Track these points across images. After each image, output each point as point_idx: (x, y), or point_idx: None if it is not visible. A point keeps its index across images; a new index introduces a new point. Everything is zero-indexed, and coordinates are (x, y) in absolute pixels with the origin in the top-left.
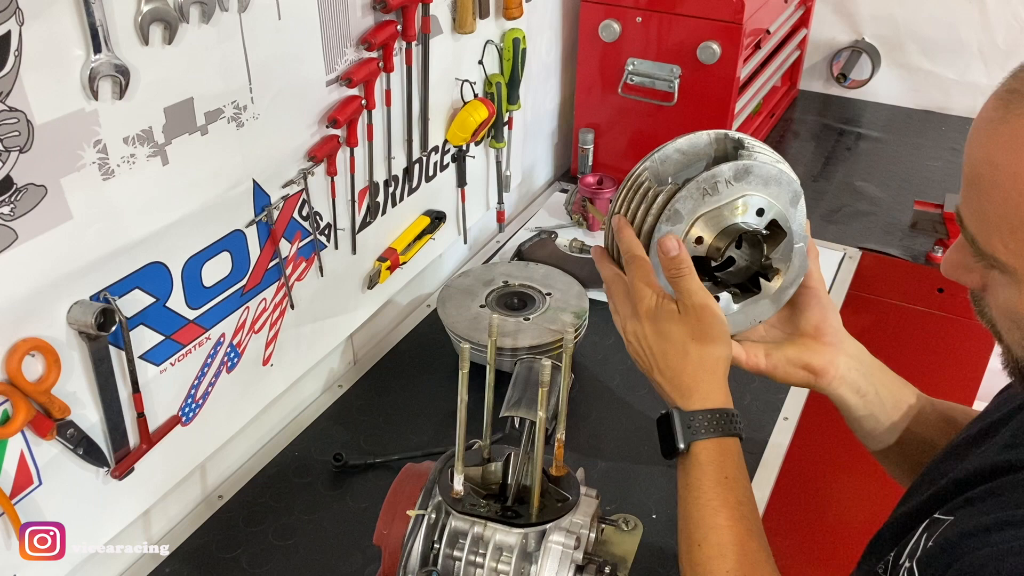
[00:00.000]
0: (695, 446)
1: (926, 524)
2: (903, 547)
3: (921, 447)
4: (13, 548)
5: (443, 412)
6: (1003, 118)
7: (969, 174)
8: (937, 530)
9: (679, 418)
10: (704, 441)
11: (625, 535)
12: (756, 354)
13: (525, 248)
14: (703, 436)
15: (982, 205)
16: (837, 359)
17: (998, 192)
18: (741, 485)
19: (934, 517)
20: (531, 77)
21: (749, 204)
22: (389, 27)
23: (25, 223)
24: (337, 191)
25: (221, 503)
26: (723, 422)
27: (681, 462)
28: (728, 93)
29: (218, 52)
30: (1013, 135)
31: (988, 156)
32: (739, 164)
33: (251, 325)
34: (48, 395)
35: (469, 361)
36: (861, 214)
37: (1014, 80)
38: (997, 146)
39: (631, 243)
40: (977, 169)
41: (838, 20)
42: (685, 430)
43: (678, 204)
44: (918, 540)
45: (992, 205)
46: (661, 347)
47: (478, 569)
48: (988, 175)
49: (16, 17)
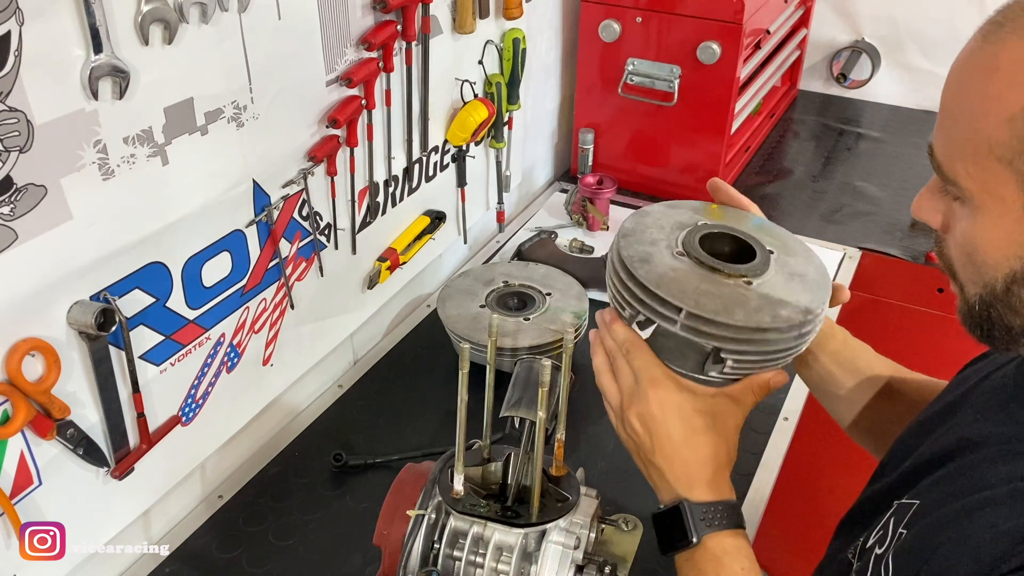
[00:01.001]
0: (709, 539)
1: (894, 509)
2: (871, 531)
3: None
4: (13, 548)
5: (443, 412)
6: (980, 46)
7: (943, 101)
8: (905, 516)
9: (691, 509)
10: (719, 533)
11: (625, 535)
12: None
13: (525, 248)
14: (717, 528)
15: (950, 130)
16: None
17: (965, 115)
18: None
19: (901, 502)
20: (531, 77)
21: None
22: (389, 27)
23: (25, 223)
24: (337, 191)
25: (221, 503)
26: (733, 514)
27: (689, 557)
28: (728, 93)
29: (218, 52)
30: (986, 59)
31: (960, 81)
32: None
33: (251, 325)
34: (48, 395)
35: (469, 361)
36: (861, 214)
37: (998, 14)
38: (969, 71)
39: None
40: (949, 93)
41: (838, 20)
42: (698, 522)
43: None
44: (886, 525)
45: (959, 128)
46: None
47: (478, 569)
48: (959, 99)
49: (16, 17)
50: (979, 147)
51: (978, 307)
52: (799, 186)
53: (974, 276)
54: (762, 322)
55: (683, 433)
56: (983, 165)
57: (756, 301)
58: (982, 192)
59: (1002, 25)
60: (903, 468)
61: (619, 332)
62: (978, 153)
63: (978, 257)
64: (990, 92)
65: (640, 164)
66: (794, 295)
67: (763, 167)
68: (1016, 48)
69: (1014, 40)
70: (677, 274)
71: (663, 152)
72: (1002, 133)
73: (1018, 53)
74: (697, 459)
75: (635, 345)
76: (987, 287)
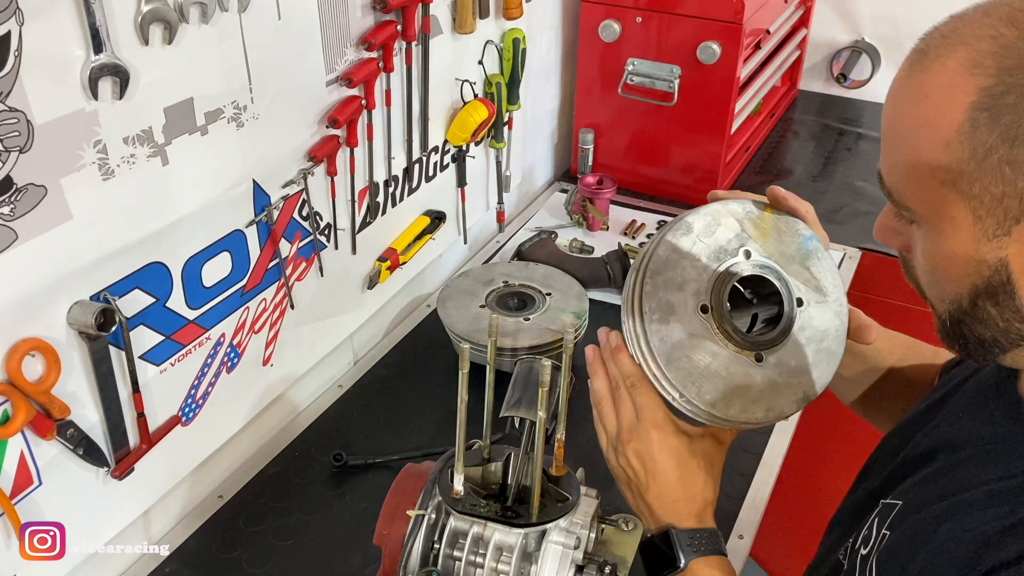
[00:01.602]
0: (695, 563)
1: (879, 509)
2: (858, 532)
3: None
4: (13, 548)
5: (443, 412)
6: (907, 75)
7: (883, 129)
8: (888, 516)
9: (678, 536)
10: (706, 557)
11: (625, 535)
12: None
13: (525, 248)
14: (703, 553)
15: (892, 156)
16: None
17: (903, 142)
18: None
19: (884, 502)
20: (531, 77)
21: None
22: (389, 27)
23: (25, 223)
24: (337, 191)
25: (221, 503)
26: (716, 541)
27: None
28: (728, 93)
29: (218, 52)
30: (914, 87)
31: (895, 109)
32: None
33: (251, 325)
34: (48, 395)
35: (469, 361)
36: (861, 214)
37: (920, 42)
38: (901, 100)
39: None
40: (887, 123)
41: (838, 20)
42: (686, 548)
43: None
44: (871, 526)
45: (900, 155)
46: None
47: (478, 569)
48: (895, 126)
49: (16, 17)
50: (922, 172)
51: (949, 323)
52: (799, 186)
53: (940, 294)
54: (753, 418)
55: (678, 475)
56: (929, 188)
57: (758, 387)
58: (933, 214)
59: (926, 53)
60: (889, 468)
61: (625, 365)
62: (922, 178)
63: (940, 275)
64: (922, 119)
65: (640, 164)
66: (800, 374)
67: (763, 167)
68: (940, 75)
69: (937, 67)
70: (691, 344)
71: (663, 152)
72: (941, 157)
73: (943, 80)
74: (688, 496)
75: (641, 381)
76: (954, 303)
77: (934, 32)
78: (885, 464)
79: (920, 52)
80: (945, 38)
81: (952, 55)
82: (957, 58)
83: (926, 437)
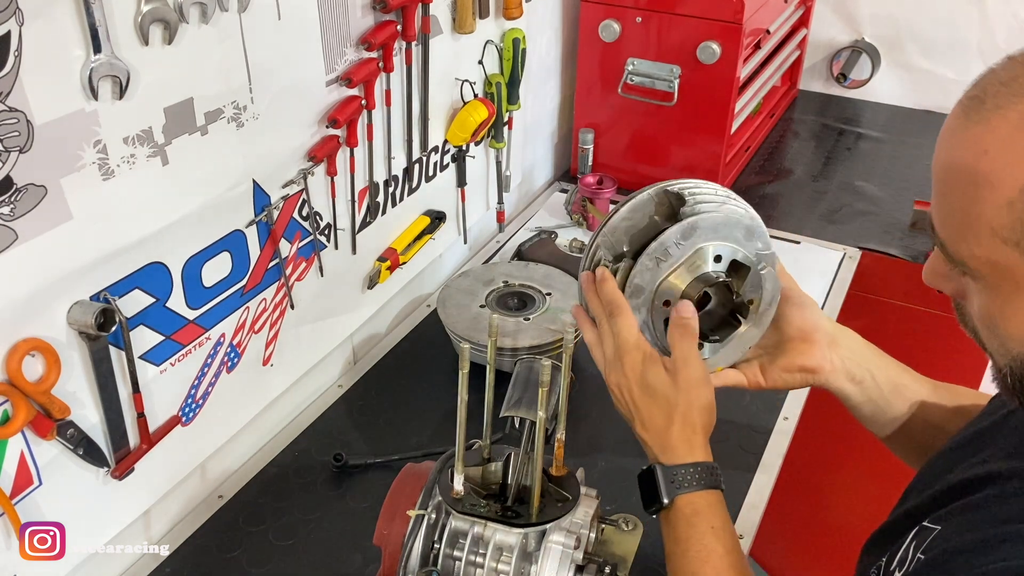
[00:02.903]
0: (679, 500)
1: (915, 532)
2: (894, 552)
3: (928, 431)
4: (13, 548)
5: (443, 412)
6: (963, 125)
7: (935, 180)
8: (926, 540)
9: (663, 473)
10: (689, 494)
11: (625, 535)
12: (755, 375)
13: (525, 248)
14: (687, 490)
15: (947, 211)
16: (830, 354)
17: (959, 198)
18: (728, 534)
19: (923, 525)
20: (531, 77)
21: (705, 255)
22: (389, 27)
23: (25, 223)
24: (337, 191)
25: (221, 503)
26: (706, 475)
27: (665, 516)
28: (728, 93)
29: (218, 52)
30: (972, 141)
31: (949, 162)
32: (684, 224)
33: (251, 325)
34: (48, 395)
35: (469, 361)
36: (861, 214)
37: (975, 87)
38: (957, 152)
39: (614, 294)
40: (940, 175)
41: (838, 20)
42: (669, 484)
43: (636, 279)
44: (907, 548)
45: (956, 211)
46: (646, 404)
47: (478, 569)
48: (950, 181)
49: (16, 17)
50: (981, 231)
51: (1010, 378)
52: (799, 186)
53: (1000, 348)
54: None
55: (646, 401)
56: (989, 247)
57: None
58: (992, 272)
59: (983, 102)
60: (930, 491)
61: (607, 292)
62: (981, 236)
63: (1000, 331)
64: (982, 175)
65: (640, 164)
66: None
67: (763, 167)
68: (1000, 128)
69: (997, 119)
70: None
71: (663, 152)
72: (1003, 217)
73: (1003, 133)
74: (675, 424)
75: (619, 308)
76: (1016, 359)
77: (991, 77)
78: (926, 487)
79: (976, 100)
80: (1005, 86)
81: (1014, 107)
82: (1020, 111)
83: (971, 468)
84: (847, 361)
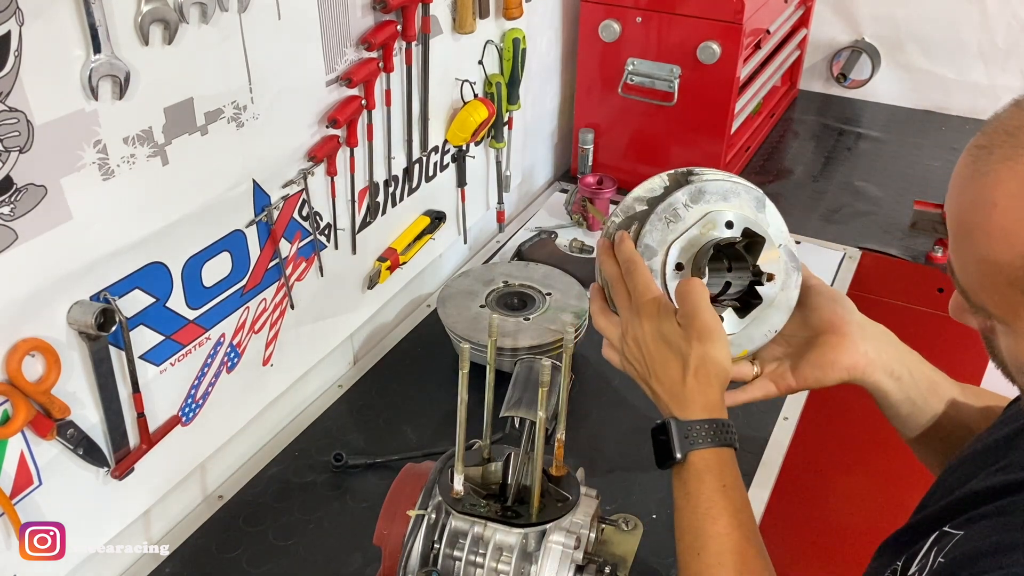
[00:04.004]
0: (692, 455)
1: (935, 536)
2: (912, 556)
3: (958, 431)
4: (13, 548)
5: (443, 412)
6: (971, 175)
7: (949, 227)
8: (947, 545)
9: (676, 428)
10: (701, 451)
11: (625, 535)
12: (783, 376)
13: (525, 248)
14: (700, 446)
15: (963, 257)
16: (864, 346)
17: (974, 249)
18: (738, 493)
19: (944, 530)
20: (531, 77)
21: (716, 220)
22: (389, 27)
23: (25, 223)
24: (337, 191)
25: (221, 503)
26: (720, 432)
27: (677, 472)
28: (728, 93)
29: (218, 52)
30: (980, 194)
31: (961, 215)
32: (691, 187)
33: (251, 325)
34: (48, 395)
35: (469, 361)
36: (861, 214)
37: (982, 136)
38: (967, 205)
39: (631, 252)
40: (954, 225)
41: (838, 20)
42: (682, 440)
43: (646, 239)
44: (927, 552)
45: (973, 261)
46: (662, 355)
47: (478, 569)
48: (964, 233)
49: (16, 17)
50: (998, 280)
51: None
52: (799, 186)
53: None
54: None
55: (662, 352)
56: (1008, 296)
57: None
58: (1014, 318)
59: (991, 152)
60: (950, 498)
61: (624, 251)
62: (998, 285)
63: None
64: (995, 228)
65: (640, 164)
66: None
67: (763, 167)
68: (1009, 181)
69: (1005, 172)
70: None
71: (663, 152)
72: (1018, 268)
73: (1013, 186)
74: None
75: (634, 264)
76: None
77: (997, 126)
78: (946, 494)
79: (984, 149)
80: (1011, 136)
81: (1022, 159)
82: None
83: (994, 475)
84: (883, 354)
